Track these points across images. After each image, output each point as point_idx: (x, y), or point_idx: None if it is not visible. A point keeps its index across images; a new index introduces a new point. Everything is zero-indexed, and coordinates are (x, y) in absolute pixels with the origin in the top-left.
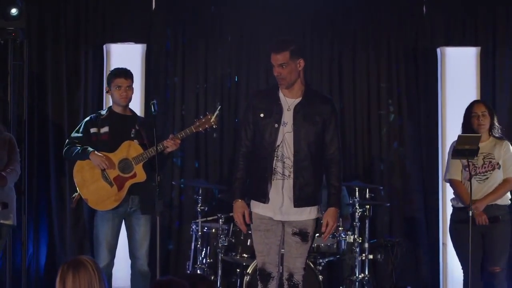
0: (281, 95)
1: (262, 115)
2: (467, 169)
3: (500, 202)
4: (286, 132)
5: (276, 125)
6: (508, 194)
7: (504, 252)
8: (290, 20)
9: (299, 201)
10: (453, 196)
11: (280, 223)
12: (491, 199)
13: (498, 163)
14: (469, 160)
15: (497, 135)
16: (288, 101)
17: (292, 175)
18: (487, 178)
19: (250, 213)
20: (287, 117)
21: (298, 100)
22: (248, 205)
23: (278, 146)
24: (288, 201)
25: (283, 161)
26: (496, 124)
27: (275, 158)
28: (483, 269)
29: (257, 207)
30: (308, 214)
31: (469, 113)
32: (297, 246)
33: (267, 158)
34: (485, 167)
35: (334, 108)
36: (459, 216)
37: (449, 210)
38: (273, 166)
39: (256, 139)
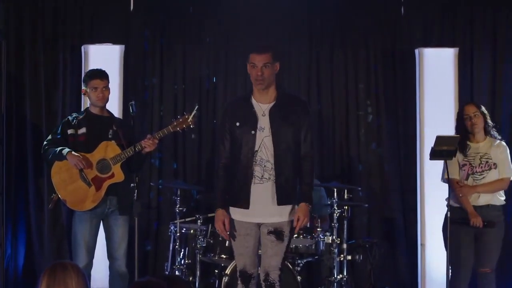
0: (253, 101)
1: (238, 123)
2: (463, 168)
3: (496, 202)
4: (264, 136)
5: (253, 132)
6: (503, 194)
7: (497, 254)
8: (268, 21)
9: (282, 199)
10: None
11: (257, 226)
12: (481, 190)
13: (494, 163)
14: (466, 159)
15: (494, 136)
16: (262, 107)
17: (272, 178)
18: (483, 177)
19: (232, 221)
20: (263, 122)
21: (272, 104)
22: (228, 212)
23: (257, 151)
24: (269, 203)
25: (262, 165)
26: (490, 123)
27: (254, 163)
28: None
29: (237, 214)
30: (287, 215)
31: (461, 116)
32: (272, 245)
33: (246, 164)
34: (482, 167)
35: (307, 108)
36: (455, 215)
37: (428, 210)
38: (253, 171)
39: (235, 148)
